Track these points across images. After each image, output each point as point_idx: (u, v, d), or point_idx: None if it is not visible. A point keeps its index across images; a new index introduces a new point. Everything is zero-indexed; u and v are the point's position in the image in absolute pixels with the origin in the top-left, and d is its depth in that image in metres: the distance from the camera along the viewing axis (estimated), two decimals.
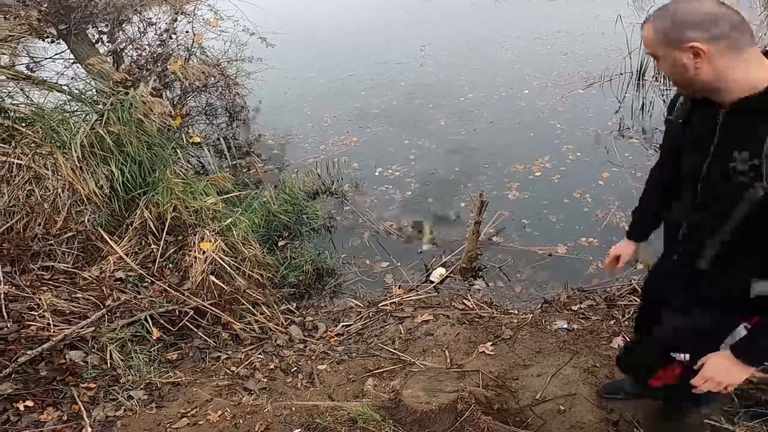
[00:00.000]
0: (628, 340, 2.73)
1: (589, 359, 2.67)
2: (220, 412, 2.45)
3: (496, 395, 2.53)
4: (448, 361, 2.80)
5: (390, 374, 2.78)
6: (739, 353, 1.42)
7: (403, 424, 2.17)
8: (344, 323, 3.32)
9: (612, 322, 2.95)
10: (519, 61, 7.47)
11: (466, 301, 3.34)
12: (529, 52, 7.72)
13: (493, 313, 3.18)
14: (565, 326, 2.93)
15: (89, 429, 2.35)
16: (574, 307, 3.18)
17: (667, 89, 6.10)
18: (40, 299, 2.90)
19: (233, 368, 2.88)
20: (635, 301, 3.09)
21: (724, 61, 1.23)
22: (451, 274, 3.67)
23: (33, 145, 3.22)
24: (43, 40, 4.93)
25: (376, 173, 5.14)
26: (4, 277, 2.95)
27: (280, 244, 4.04)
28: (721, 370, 1.44)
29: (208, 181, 3.70)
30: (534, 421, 2.39)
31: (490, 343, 2.88)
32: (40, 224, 3.31)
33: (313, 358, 3.00)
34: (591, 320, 3.01)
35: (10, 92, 3.49)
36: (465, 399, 2.13)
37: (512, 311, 3.23)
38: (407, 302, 3.39)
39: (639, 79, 6.31)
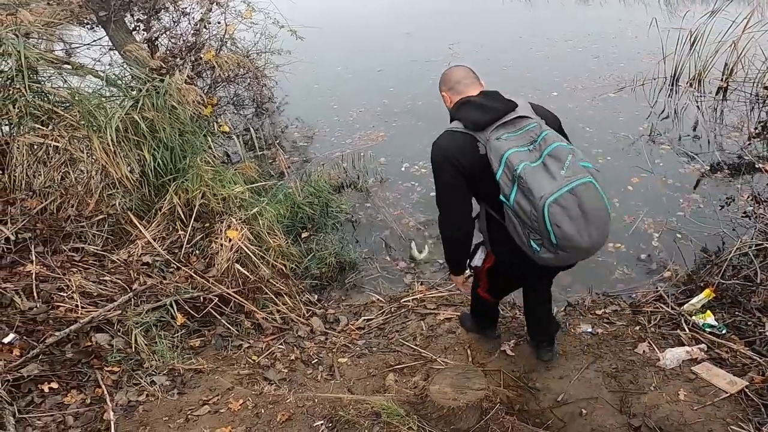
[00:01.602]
0: (650, 344, 2.69)
1: (612, 363, 2.63)
2: (241, 401, 2.44)
3: (518, 396, 2.52)
4: (470, 359, 2.79)
5: (411, 370, 2.77)
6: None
7: (428, 419, 2.16)
8: (366, 317, 3.33)
9: (637, 327, 2.90)
10: (548, 62, 7.39)
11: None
12: (560, 54, 7.63)
13: (516, 314, 3.15)
14: (590, 330, 2.89)
15: (111, 413, 2.34)
16: (599, 312, 3.14)
17: (701, 96, 5.98)
18: (69, 280, 2.94)
19: (254, 357, 2.88)
20: (661, 307, 3.05)
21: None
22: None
23: (70, 128, 3.29)
24: (83, 26, 5.04)
25: (402, 168, 5.14)
26: (36, 257, 3.00)
27: (303, 235, 4.06)
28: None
29: (236, 169, 3.74)
30: (554, 423, 2.37)
31: (513, 342, 2.86)
32: (73, 206, 3.36)
33: (333, 350, 3.01)
34: (615, 325, 2.97)
35: (50, 76, 3.56)
36: (490, 398, 2.12)
37: None
38: (429, 299, 3.39)
39: (673, 85, 6.19)
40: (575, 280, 3.59)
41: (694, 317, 2.86)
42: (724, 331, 2.73)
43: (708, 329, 2.77)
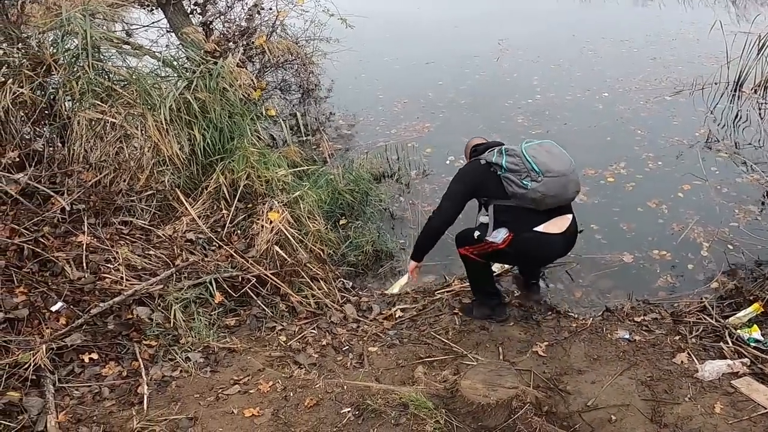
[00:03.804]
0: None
1: (648, 372, 2.56)
2: (271, 383, 2.45)
3: (547, 397, 2.48)
4: (501, 357, 2.77)
5: (441, 364, 2.77)
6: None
7: (456, 414, 2.16)
8: (399, 307, 3.34)
9: (677, 337, 2.81)
10: (601, 62, 7.17)
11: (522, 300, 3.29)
12: (613, 55, 7.39)
13: (551, 314, 3.10)
14: (627, 336, 2.82)
15: (145, 387, 2.38)
16: (638, 319, 3.06)
17: (766, 103, 5.67)
18: (116, 253, 3.04)
19: (286, 340, 2.91)
20: (705, 318, 2.94)
21: None
22: (513, 270, 3.60)
23: (127, 105, 3.42)
24: (144, 8, 5.22)
25: (447, 162, 5.10)
26: (88, 228, 3.12)
27: (341, 222, 4.10)
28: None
29: (280, 153, 3.80)
30: (582, 428, 2.32)
31: (546, 343, 2.81)
32: (125, 180, 3.48)
33: (365, 339, 3.01)
34: (654, 333, 2.88)
35: (111, 56, 3.70)
36: (520, 397, 2.10)
37: (571, 314, 3.14)
38: (464, 293, 3.36)
39: (735, 90, 5.91)
40: (616, 285, 3.51)
41: (739, 331, 2.76)
42: None
43: (753, 344, 2.66)
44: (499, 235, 2.75)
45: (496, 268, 3.55)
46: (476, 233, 2.87)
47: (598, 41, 7.90)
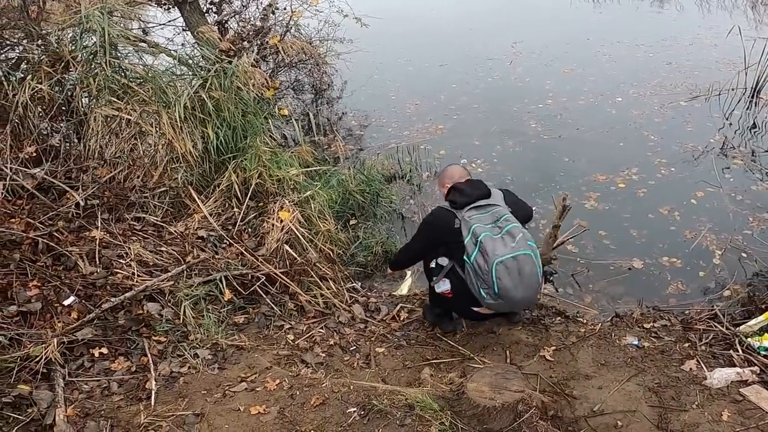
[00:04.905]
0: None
1: (655, 378, 2.54)
2: (278, 381, 2.46)
3: (553, 401, 2.47)
4: (508, 361, 2.77)
5: (447, 366, 2.77)
6: None
7: (462, 416, 2.16)
8: (407, 309, 3.34)
9: (687, 344, 2.78)
10: (615, 67, 7.12)
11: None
12: (628, 59, 7.33)
13: (559, 319, 3.09)
14: (636, 342, 2.80)
15: (153, 383, 2.39)
16: (647, 325, 3.03)
17: None
18: (129, 248, 3.07)
19: (294, 339, 2.93)
20: (715, 326, 2.90)
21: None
22: None
23: (142, 103, 3.46)
24: (161, 6, 5.28)
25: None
26: (101, 223, 3.16)
27: (352, 222, 4.12)
28: None
29: (292, 152, 3.83)
30: None
31: (553, 348, 2.80)
32: (138, 177, 3.53)
33: (372, 339, 3.02)
34: (663, 340, 2.86)
35: (127, 53, 3.75)
36: (526, 401, 2.10)
37: (580, 319, 3.13)
38: None
39: (753, 96, 5.83)
40: (626, 291, 3.49)
41: (749, 339, 2.72)
42: None
43: (763, 352, 2.63)
44: (442, 286, 2.78)
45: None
46: (431, 265, 2.87)
47: (613, 45, 7.84)
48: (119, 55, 3.63)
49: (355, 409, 2.28)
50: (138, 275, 2.94)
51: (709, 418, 2.26)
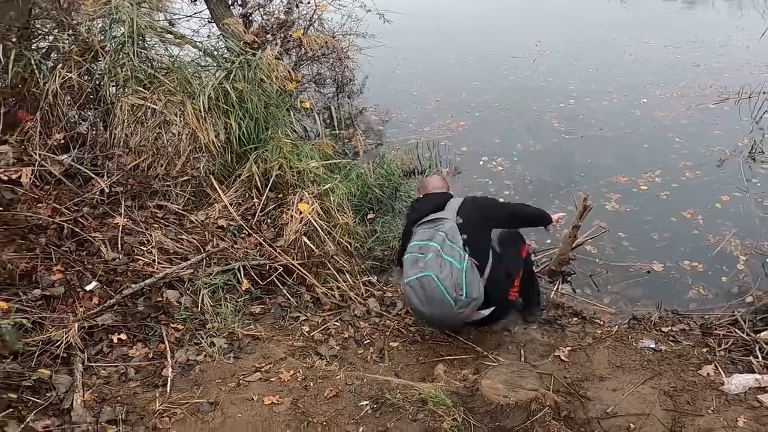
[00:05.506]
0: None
1: (671, 382, 2.51)
2: (292, 372, 2.47)
3: (566, 402, 2.46)
4: (522, 359, 2.76)
5: (461, 363, 2.77)
6: None
7: (474, 413, 2.16)
8: None
9: (705, 350, 2.74)
10: (642, 67, 6.99)
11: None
12: (655, 59, 7.19)
13: (576, 319, 3.07)
14: (653, 346, 2.77)
15: (170, 370, 2.41)
16: (665, 329, 3.00)
17: None
18: (150, 236, 3.13)
19: (309, 331, 2.94)
20: (735, 332, 2.86)
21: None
22: (539, 275, 3.57)
23: (167, 93, 3.52)
24: None
25: (480, 162, 5.07)
26: (125, 210, 3.22)
27: (370, 216, 4.13)
28: None
29: (313, 145, 3.85)
30: None
31: (569, 348, 2.79)
32: (162, 165, 3.58)
33: (386, 333, 3.03)
34: (681, 344, 2.82)
35: (154, 44, 3.81)
36: (540, 400, 2.09)
37: (597, 321, 3.10)
38: None
39: None
40: (645, 294, 3.44)
41: None
42: None
43: None
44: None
45: None
46: None
47: (640, 45, 7.69)
48: (146, 45, 3.69)
49: (367, 402, 2.29)
50: (158, 262, 2.98)
51: (725, 424, 2.23)
